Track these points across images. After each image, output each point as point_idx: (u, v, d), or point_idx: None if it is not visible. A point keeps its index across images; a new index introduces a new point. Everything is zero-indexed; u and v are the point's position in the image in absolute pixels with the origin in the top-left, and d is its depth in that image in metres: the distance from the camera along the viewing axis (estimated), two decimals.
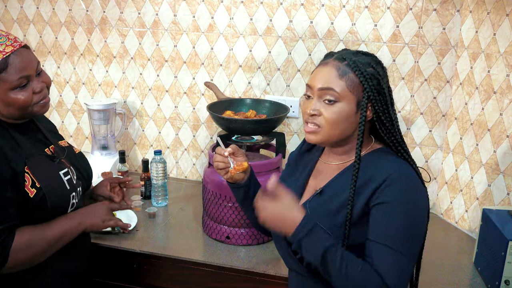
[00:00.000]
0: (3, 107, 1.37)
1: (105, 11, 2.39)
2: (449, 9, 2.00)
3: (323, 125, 1.23)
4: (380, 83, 1.23)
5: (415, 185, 1.22)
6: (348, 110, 1.22)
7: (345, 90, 1.21)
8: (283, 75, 2.25)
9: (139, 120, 2.52)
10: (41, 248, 1.40)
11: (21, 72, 1.35)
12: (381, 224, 1.18)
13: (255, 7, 2.19)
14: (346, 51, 1.29)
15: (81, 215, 1.51)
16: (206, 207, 1.94)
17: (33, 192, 1.37)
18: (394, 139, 1.26)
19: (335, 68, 1.23)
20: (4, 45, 1.34)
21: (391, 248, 1.15)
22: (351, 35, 2.12)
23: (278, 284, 1.72)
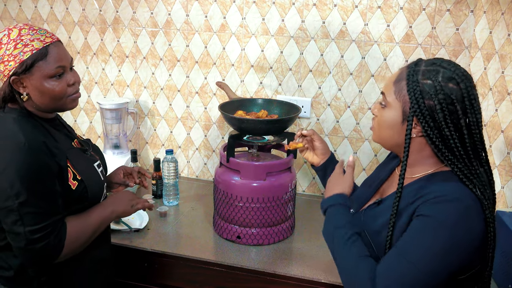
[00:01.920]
0: (38, 96, 1.40)
1: (118, 11, 2.40)
2: (463, 10, 1.99)
3: (374, 127, 1.28)
4: (433, 98, 1.14)
5: (463, 211, 1.10)
6: (394, 118, 1.20)
7: (392, 97, 1.20)
8: (295, 75, 2.25)
9: (151, 120, 2.53)
10: (87, 237, 1.46)
11: (58, 62, 1.40)
12: (407, 234, 1.12)
13: (267, 7, 2.19)
14: (438, 59, 1.20)
15: (112, 203, 1.57)
16: (217, 206, 1.94)
17: (75, 185, 1.43)
18: (448, 160, 1.17)
19: (399, 73, 1.22)
20: (44, 36, 1.39)
21: (402, 253, 1.10)
22: (363, 36, 2.11)
23: (288, 284, 1.72)
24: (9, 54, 1.35)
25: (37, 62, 1.37)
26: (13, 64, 1.36)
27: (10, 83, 1.38)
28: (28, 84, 1.38)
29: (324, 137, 2.28)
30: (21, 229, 1.32)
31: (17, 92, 1.40)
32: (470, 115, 1.15)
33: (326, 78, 2.21)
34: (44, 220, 1.34)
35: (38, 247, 1.34)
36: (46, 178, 1.36)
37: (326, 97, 2.24)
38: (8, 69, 1.36)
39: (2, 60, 1.36)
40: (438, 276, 1.10)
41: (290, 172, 1.90)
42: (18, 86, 1.39)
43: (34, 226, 1.33)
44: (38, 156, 1.34)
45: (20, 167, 1.31)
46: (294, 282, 1.71)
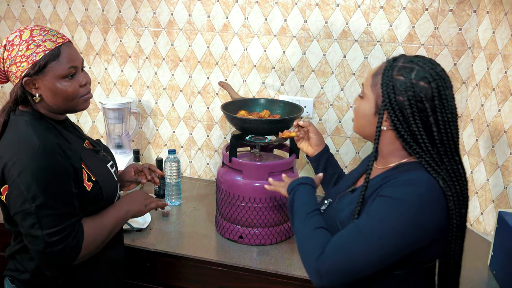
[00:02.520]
0: (51, 97, 1.39)
1: (120, 11, 2.40)
2: (466, 10, 1.99)
3: (354, 116, 1.32)
4: (402, 94, 1.17)
5: (423, 195, 1.13)
6: (367, 109, 1.24)
7: (369, 89, 1.24)
8: (297, 75, 2.25)
9: (153, 119, 2.53)
10: (103, 238, 1.46)
11: (71, 62, 1.39)
12: (365, 212, 1.16)
13: (270, 7, 2.19)
14: (417, 56, 1.22)
15: (126, 203, 1.57)
16: (220, 206, 1.94)
17: (90, 186, 1.43)
18: (416, 153, 1.20)
19: (379, 66, 1.25)
20: (56, 37, 1.39)
21: (356, 230, 1.13)
22: (366, 36, 2.11)
23: (290, 284, 1.72)
24: (22, 55, 1.35)
25: (50, 62, 1.36)
26: (26, 65, 1.35)
27: (23, 84, 1.37)
28: (40, 85, 1.38)
29: (327, 137, 2.28)
30: (39, 232, 1.31)
31: (29, 93, 1.39)
32: (440, 113, 1.17)
33: (328, 78, 2.21)
34: (61, 223, 1.34)
35: (56, 249, 1.33)
36: (62, 180, 1.36)
37: (328, 97, 2.23)
38: (20, 70, 1.36)
39: (15, 61, 1.36)
40: (387, 254, 1.12)
41: (293, 172, 1.90)
42: (30, 87, 1.38)
43: (52, 228, 1.32)
44: (53, 159, 1.34)
45: (36, 170, 1.31)
46: (296, 282, 1.72)
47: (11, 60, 1.36)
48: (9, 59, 1.36)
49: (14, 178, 1.31)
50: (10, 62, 1.36)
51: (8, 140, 1.38)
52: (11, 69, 1.37)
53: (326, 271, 1.13)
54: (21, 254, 1.46)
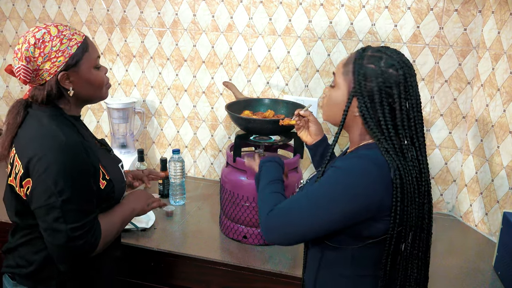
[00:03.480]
0: (85, 87, 1.44)
1: (125, 11, 2.41)
2: (471, 10, 1.98)
3: (323, 106, 1.36)
4: (373, 82, 1.22)
5: (368, 167, 1.19)
6: (339, 97, 1.28)
7: (341, 78, 1.27)
8: (302, 75, 2.25)
9: (157, 119, 2.54)
10: (113, 234, 1.50)
11: (97, 52, 1.47)
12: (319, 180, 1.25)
13: (274, 7, 2.19)
14: (383, 47, 1.29)
15: (131, 202, 1.60)
16: (224, 206, 1.95)
17: (104, 184, 1.46)
18: (375, 136, 1.24)
19: (349, 56, 1.29)
20: (78, 31, 1.44)
21: (303, 194, 1.22)
22: (371, 36, 2.11)
23: (293, 284, 1.72)
24: (57, 50, 1.36)
25: (84, 53, 1.41)
26: (63, 59, 1.37)
27: (58, 79, 1.38)
28: (74, 78, 1.40)
29: (331, 136, 2.28)
30: (63, 227, 1.33)
31: (64, 88, 1.41)
32: (405, 99, 1.23)
33: (333, 78, 2.20)
34: (84, 218, 1.37)
35: (77, 244, 1.36)
36: (86, 178, 1.38)
37: None
38: (56, 65, 1.36)
39: (49, 57, 1.36)
40: (327, 219, 1.19)
41: (297, 172, 1.90)
42: (64, 82, 1.39)
43: (76, 223, 1.35)
44: (78, 156, 1.37)
45: (64, 166, 1.33)
46: (299, 283, 1.71)
47: (45, 57, 1.36)
48: (42, 56, 1.36)
49: (40, 173, 1.32)
50: (43, 59, 1.36)
51: (31, 134, 1.39)
52: (44, 66, 1.36)
53: (272, 226, 1.24)
54: (24, 247, 1.47)
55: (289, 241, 1.24)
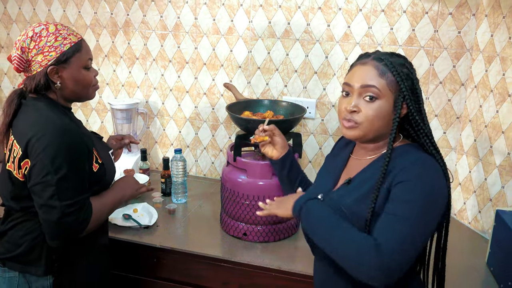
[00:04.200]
0: (72, 84, 1.53)
1: (128, 14, 2.45)
2: (465, 13, 2.02)
3: (361, 122, 1.27)
4: (414, 83, 1.28)
5: (433, 170, 1.23)
6: (387, 108, 1.26)
7: (385, 89, 1.25)
8: (300, 77, 2.29)
9: (160, 120, 2.58)
10: (104, 216, 1.60)
11: (89, 54, 1.58)
12: (394, 200, 1.19)
13: (274, 11, 2.23)
14: (381, 52, 1.33)
15: (122, 188, 1.70)
16: (224, 204, 1.97)
17: (97, 167, 1.55)
18: (425, 137, 1.30)
19: (374, 67, 1.27)
20: (76, 32, 1.55)
21: (394, 215, 1.16)
22: (367, 38, 2.15)
23: (293, 280, 1.75)
24: (50, 46, 1.47)
25: (75, 53, 1.51)
26: (54, 55, 1.48)
27: (47, 72, 1.48)
28: (63, 73, 1.50)
29: (328, 137, 2.32)
30: (57, 203, 1.42)
31: (51, 81, 1.50)
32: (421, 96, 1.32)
33: (330, 80, 2.25)
34: (77, 196, 1.46)
35: (69, 220, 1.44)
36: (81, 159, 1.48)
37: (330, 98, 2.27)
38: (47, 59, 1.47)
39: (42, 51, 1.47)
40: (429, 227, 1.20)
41: None
42: (53, 76, 1.49)
43: (69, 200, 1.43)
44: (74, 137, 1.47)
45: (61, 146, 1.42)
46: (298, 278, 1.74)
47: (38, 50, 1.47)
48: (36, 49, 1.47)
49: (38, 152, 1.41)
50: (37, 51, 1.47)
51: (30, 119, 1.48)
52: (36, 58, 1.48)
53: (393, 263, 1.11)
54: (13, 231, 1.54)
55: (405, 270, 1.13)
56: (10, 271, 1.55)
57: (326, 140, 2.33)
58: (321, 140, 2.34)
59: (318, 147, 2.35)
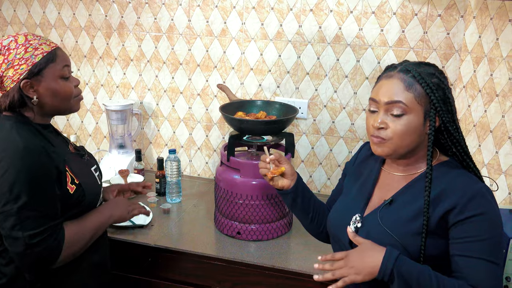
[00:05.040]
0: (49, 97, 1.41)
1: (123, 16, 2.46)
2: (453, 15, 2.05)
3: (390, 138, 1.23)
4: (445, 92, 1.23)
5: (492, 197, 1.21)
6: (416, 122, 1.21)
7: (413, 102, 1.20)
8: (293, 78, 2.31)
9: (154, 121, 2.59)
10: (85, 241, 1.47)
11: (65, 62, 1.44)
12: (470, 238, 1.16)
13: (266, 13, 2.25)
14: (409, 62, 1.28)
15: (109, 208, 1.59)
16: (218, 203, 1.99)
17: (73, 189, 1.43)
18: (461, 149, 1.26)
19: (401, 81, 1.22)
20: (49, 42, 1.43)
21: (484, 260, 1.15)
22: (358, 40, 2.18)
23: (286, 278, 1.77)
24: (20, 58, 1.35)
25: (49, 64, 1.39)
26: (25, 67, 1.36)
27: (21, 87, 1.37)
28: (38, 87, 1.39)
29: (321, 137, 2.34)
30: (19, 234, 1.31)
31: (27, 97, 1.39)
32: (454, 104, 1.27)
33: (322, 81, 2.27)
34: (43, 224, 1.33)
35: (36, 251, 1.33)
36: (45, 182, 1.35)
37: (322, 99, 2.30)
38: (19, 73, 1.35)
39: (12, 64, 1.35)
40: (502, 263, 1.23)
41: None
42: (28, 90, 1.38)
43: (33, 230, 1.32)
44: (37, 160, 1.33)
45: (19, 171, 1.30)
46: (291, 276, 1.76)
47: (8, 64, 1.35)
48: (6, 63, 1.36)
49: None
50: (7, 66, 1.35)
51: None
52: (7, 73, 1.36)
53: None
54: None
55: None
56: None
57: (318, 140, 2.35)
58: (313, 140, 2.37)
59: (310, 146, 2.38)
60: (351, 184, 1.46)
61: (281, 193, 1.57)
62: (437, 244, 1.21)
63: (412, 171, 1.30)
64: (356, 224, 1.32)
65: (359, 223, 1.32)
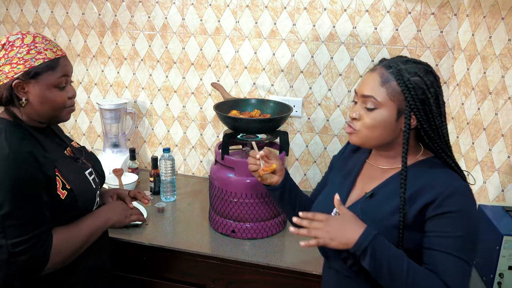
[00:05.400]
0: (38, 104, 1.38)
1: (116, 15, 2.46)
2: (447, 13, 2.06)
3: (359, 129, 1.26)
4: (425, 93, 1.21)
5: (471, 196, 1.22)
6: (387, 117, 1.23)
7: (385, 98, 1.22)
8: (287, 76, 2.32)
9: (148, 119, 2.59)
10: (76, 247, 1.44)
11: (64, 72, 1.41)
12: (444, 234, 1.18)
13: (260, 11, 2.26)
14: (398, 58, 1.28)
15: (107, 212, 1.57)
16: (213, 202, 1.99)
17: (64, 194, 1.40)
18: (439, 148, 1.26)
19: (379, 75, 1.24)
20: (56, 49, 1.41)
21: (456, 257, 1.16)
22: (352, 38, 2.19)
23: (280, 276, 1.78)
24: (20, 58, 1.34)
25: (48, 71, 1.37)
26: (22, 68, 1.34)
27: (12, 86, 1.35)
28: (30, 90, 1.36)
29: (315, 135, 2.35)
30: (3, 242, 1.30)
31: (16, 96, 1.37)
32: (443, 103, 1.26)
33: (316, 79, 2.28)
34: (27, 232, 1.31)
35: (20, 259, 1.31)
36: (31, 189, 1.33)
37: (316, 97, 2.30)
38: (14, 71, 1.34)
39: (11, 61, 1.34)
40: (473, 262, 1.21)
41: None
42: (19, 91, 1.36)
43: (17, 238, 1.30)
44: (22, 168, 1.31)
45: (3, 179, 1.28)
46: (286, 274, 1.77)
47: (7, 60, 1.34)
48: (5, 58, 1.34)
49: None
50: (5, 61, 1.34)
51: None
52: (4, 68, 1.34)
53: None
54: None
55: None
56: None
57: (313, 138, 2.36)
58: (308, 138, 2.37)
59: (304, 145, 2.39)
60: (336, 176, 1.48)
61: (269, 189, 1.58)
62: (415, 238, 1.23)
63: (395, 164, 1.31)
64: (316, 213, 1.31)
65: (339, 215, 1.33)
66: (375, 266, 1.17)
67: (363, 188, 1.35)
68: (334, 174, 1.50)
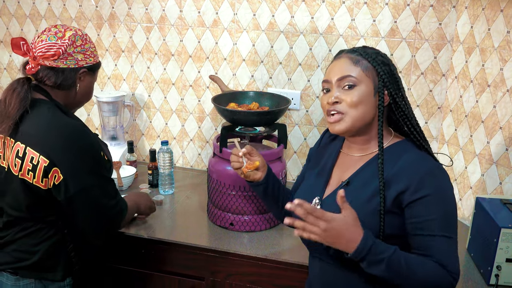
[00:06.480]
0: (83, 92, 1.60)
1: (113, 7, 2.45)
2: (445, 5, 2.06)
3: (345, 111, 1.27)
4: (392, 68, 1.30)
5: (446, 175, 1.26)
6: (366, 93, 1.27)
7: (361, 75, 1.27)
8: (285, 69, 2.31)
9: (146, 112, 2.59)
10: (129, 217, 1.74)
11: None
12: (425, 218, 1.21)
13: (258, 3, 2.25)
14: (356, 47, 1.37)
15: (136, 197, 1.85)
16: (211, 195, 1.99)
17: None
18: (410, 124, 1.30)
19: (348, 59, 1.30)
20: (95, 52, 1.63)
21: (442, 236, 1.21)
22: (350, 30, 2.18)
23: (278, 268, 1.78)
24: (93, 51, 1.58)
25: (98, 69, 1.64)
26: (92, 60, 1.58)
27: (79, 73, 1.54)
28: (85, 80, 1.57)
29: (313, 127, 2.35)
30: (113, 202, 1.55)
31: (74, 83, 1.55)
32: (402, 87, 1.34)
33: (314, 72, 2.28)
34: (116, 191, 1.60)
35: (119, 216, 1.61)
36: (103, 155, 1.55)
37: (314, 90, 2.30)
38: (86, 61, 1.55)
39: (85, 52, 1.54)
40: None
41: (281, 161, 1.95)
42: (78, 78, 1.55)
43: (113, 199, 1.56)
44: (93, 137, 1.53)
45: (89, 147, 1.47)
46: (284, 267, 1.78)
47: (82, 50, 1.53)
48: (81, 47, 1.53)
49: (71, 159, 1.43)
50: (80, 50, 1.53)
51: (46, 125, 1.45)
52: (77, 55, 1.52)
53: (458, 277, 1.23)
54: (24, 240, 1.50)
55: None
56: (25, 279, 1.52)
57: (311, 131, 2.36)
58: (306, 130, 2.37)
59: (303, 137, 2.39)
60: (312, 168, 1.50)
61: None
62: (395, 222, 1.25)
63: (368, 151, 1.35)
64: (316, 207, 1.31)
65: (318, 205, 1.36)
66: (372, 270, 1.19)
67: (340, 178, 1.38)
68: (310, 167, 1.52)
